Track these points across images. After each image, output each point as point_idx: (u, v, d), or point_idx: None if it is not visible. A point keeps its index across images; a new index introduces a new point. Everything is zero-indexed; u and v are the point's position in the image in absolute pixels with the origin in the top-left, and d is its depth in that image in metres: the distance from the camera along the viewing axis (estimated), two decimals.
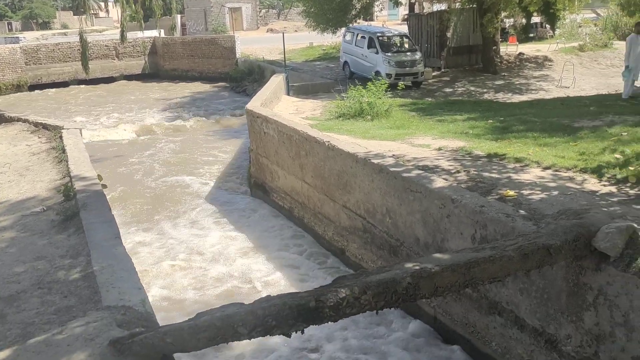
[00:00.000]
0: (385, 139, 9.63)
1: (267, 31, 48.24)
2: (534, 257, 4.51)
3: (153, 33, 34.27)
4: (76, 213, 6.50)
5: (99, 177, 8.03)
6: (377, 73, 16.90)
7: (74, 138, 10.56)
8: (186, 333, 3.58)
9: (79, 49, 26.54)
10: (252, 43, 34.38)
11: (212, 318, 3.66)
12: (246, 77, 27.48)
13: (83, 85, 30.90)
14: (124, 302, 4.29)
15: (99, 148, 17.82)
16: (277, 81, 17.03)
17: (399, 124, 11.30)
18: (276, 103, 15.21)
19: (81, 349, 3.58)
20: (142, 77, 33.52)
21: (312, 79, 20.54)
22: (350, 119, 12.04)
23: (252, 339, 3.75)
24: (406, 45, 19.68)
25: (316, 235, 10.05)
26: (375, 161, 7.78)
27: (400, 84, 15.71)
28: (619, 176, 6.53)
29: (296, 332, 3.89)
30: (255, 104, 12.92)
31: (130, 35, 26.64)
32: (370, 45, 18.83)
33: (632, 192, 6.09)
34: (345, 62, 20.68)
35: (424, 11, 25.91)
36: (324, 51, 29.62)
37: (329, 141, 9.09)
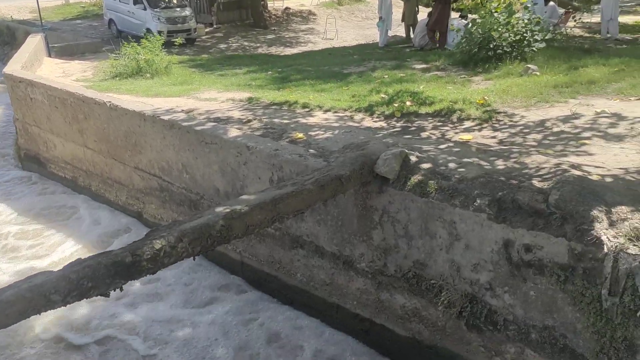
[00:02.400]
0: (170, 95, 9.44)
1: None
2: (329, 187, 5.01)
3: None
4: None
5: None
6: (148, 30, 16.19)
7: None
8: None
9: None
10: None
11: (19, 290, 3.38)
12: None
13: None
14: None
15: None
16: (35, 42, 15.25)
17: (181, 80, 11.12)
18: (38, 66, 13.69)
19: None
20: None
21: (76, 39, 18.77)
22: (129, 78, 11.46)
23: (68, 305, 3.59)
24: (175, 1, 19.13)
25: (108, 202, 9.55)
26: (166, 117, 7.63)
27: (178, 39, 15.37)
28: (386, 113, 7.43)
29: (114, 290, 3.82)
30: (14, 67, 11.48)
31: None
32: (137, 1, 17.89)
33: (398, 124, 7.01)
34: (111, 20, 19.35)
35: None
36: (83, 9, 27.15)
37: (110, 101, 8.60)
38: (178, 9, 18.19)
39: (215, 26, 21.02)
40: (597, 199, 4.25)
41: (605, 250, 3.93)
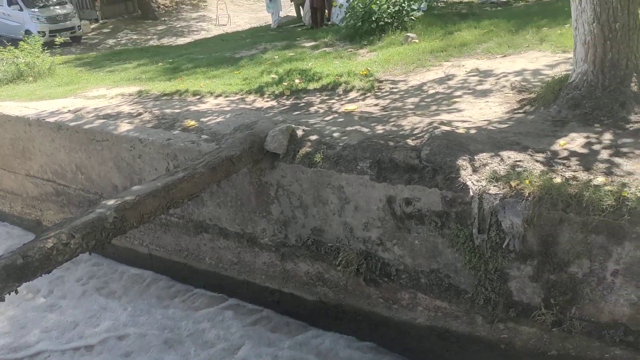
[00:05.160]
0: (56, 97, 9.13)
1: None
2: (221, 168, 5.17)
3: None
4: None
5: None
6: (28, 32, 15.40)
7: None
8: None
9: None
10: None
11: None
12: None
13: None
14: None
15: None
16: None
17: (67, 80, 10.76)
18: None
19: None
20: None
21: None
22: (9, 84, 10.92)
23: None
24: None
25: (3, 215, 9.17)
26: (52, 120, 7.43)
27: (58, 38, 14.72)
28: (276, 92, 7.63)
29: (9, 294, 3.82)
30: None
31: None
32: (11, 2, 16.94)
33: (288, 102, 7.24)
34: None
35: None
36: None
37: None
38: (58, 7, 17.46)
39: (101, 21, 20.30)
40: (462, 150, 4.69)
41: (471, 193, 4.37)
